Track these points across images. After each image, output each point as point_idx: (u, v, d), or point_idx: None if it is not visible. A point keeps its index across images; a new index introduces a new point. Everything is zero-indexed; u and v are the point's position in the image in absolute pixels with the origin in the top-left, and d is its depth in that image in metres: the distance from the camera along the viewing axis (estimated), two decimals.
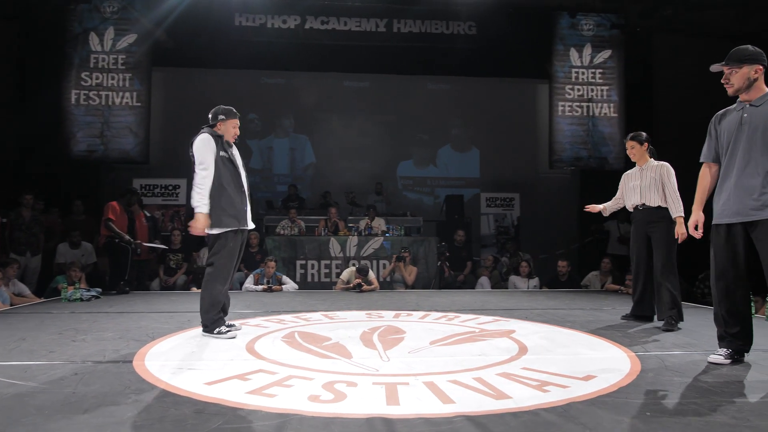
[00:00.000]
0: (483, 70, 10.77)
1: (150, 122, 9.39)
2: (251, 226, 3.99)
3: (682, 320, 4.09)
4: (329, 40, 10.20)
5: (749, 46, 2.99)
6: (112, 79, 9.27)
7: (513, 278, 7.64)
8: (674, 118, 10.85)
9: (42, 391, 2.45)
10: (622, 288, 6.73)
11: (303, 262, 7.79)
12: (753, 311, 4.68)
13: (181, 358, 3.12)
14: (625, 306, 5.38)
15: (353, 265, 7.63)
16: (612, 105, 10.62)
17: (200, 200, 3.74)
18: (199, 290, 3.93)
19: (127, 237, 6.29)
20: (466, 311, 5.03)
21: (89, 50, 9.23)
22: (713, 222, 3.06)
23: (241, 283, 7.11)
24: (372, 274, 7.00)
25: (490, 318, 4.61)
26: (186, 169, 9.56)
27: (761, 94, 2.94)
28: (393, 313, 4.91)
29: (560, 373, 2.78)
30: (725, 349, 3.01)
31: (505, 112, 11.09)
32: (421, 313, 4.87)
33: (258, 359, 3.11)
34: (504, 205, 10.30)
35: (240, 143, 11.60)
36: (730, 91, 3.05)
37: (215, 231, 3.79)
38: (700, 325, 4.21)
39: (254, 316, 4.72)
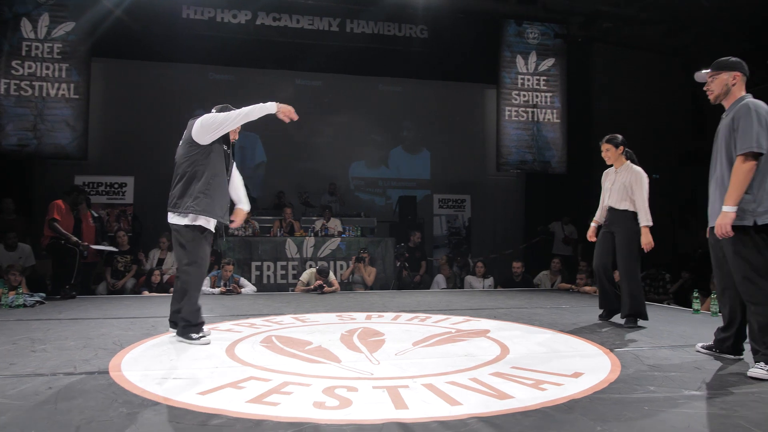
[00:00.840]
0: (434, 74, 10.95)
1: (89, 116, 8.83)
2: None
3: (644, 318, 4.29)
4: (281, 37, 10.00)
5: (731, 57, 3.12)
6: (47, 69, 8.63)
7: (469, 278, 7.81)
8: (611, 124, 11.47)
9: (18, 408, 2.26)
10: (573, 287, 7.04)
11: (259, 263, 7.60)
12: (698, 307, 5.06)
13: (162, 367, 2.97)
14: (582, 304, 5.67)
15: (310, 266, 7.54)
16: (555, 111, 11.07)
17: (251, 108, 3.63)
18: (152, 294, 3.75)
19: (74, 238, 5.89)
20: (435, 311, 5.09)
21: (21, 37, 8.55)
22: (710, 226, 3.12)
23: None
24: (332, 276, 6.94)
25: (461, 318, 4.69)
26: (132, 166, 9.22)
27: (732, 102, 3.05)
28: (364, 314, 4.89)
29: (550, 371, 2.88)
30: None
31: (455, 115, 11.32)
32: (391, 315, 4.88)
33: (245, 366, 3.01)
34: (456, 206, 10.52)
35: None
36: (711, 98, 3.15)
37: (200, 220, 3.59)
38: (655, 321, 4.49)
39: (222, 321, 4.57)
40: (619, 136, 4.45)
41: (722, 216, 2.90)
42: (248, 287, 6.68)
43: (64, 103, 8.72)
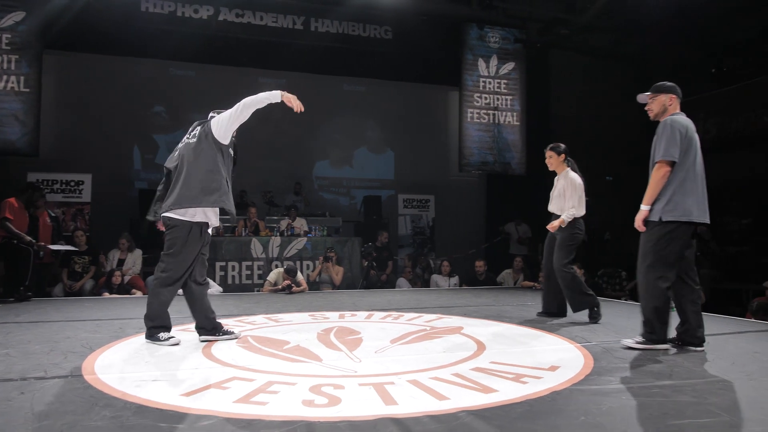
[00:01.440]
0: (398, 75, 11.02)
1: (41, 110, 8.43)
2: (215, 224, 3.76)
3: (589, 308, 4.51)
4: (244, 34, 9.84)
5: (666, 82, 3.52)
6: None
7: (435, 277, 7.92)
8: (568, 127, 11.88)
9: None
10: (535, 285, 7.24)
11: (223, 263, 7.47)
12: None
13: (139, 369, 2.89)
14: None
15: (276, 266, 7.47)
16: (515, 114, 11.35)
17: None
18: (113, 296, 3.66)
19: (28, 238, 5.62)
20: (407, 310, 5.15)
21: None
22: (682, 220, 3.27)
23: None
24: (300, 275, 6.90)
25: (434, 316, 4.76)
26: (90, 163, 8.86)
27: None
28: (336, 314, 4.90)
29: (527, 365, 2.97)
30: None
31: (419, 116, 11.44)
32: (364, 313, 4.91)
33: (225, 366, 2.97)
34: (420, 206, 10.63)
35: (145, 137, 10.92)
36: (651, 116, 3.55)
37: (189, 213, 3.51)
38: (616, 316, 4.70)
39: (192, 321, 4.46)
40: (562, 145, 4.73)
41: (639, 212, 3.36)
42: (214, 288, 6.55)
43: (13, 97, 8.30)
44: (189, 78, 10.29)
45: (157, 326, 3.54)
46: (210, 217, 3.61)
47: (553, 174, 4.80)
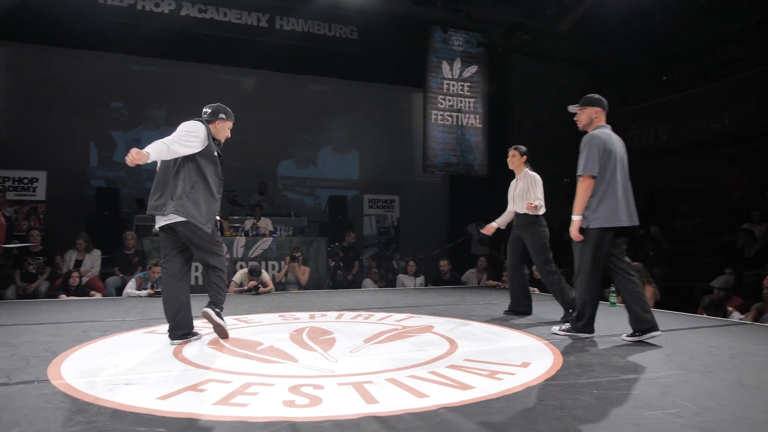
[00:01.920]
0: (363, 75, 11.04)
1: None
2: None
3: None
4: (207, 30, 9.65)
5: (594, 95, 3.79)
6: None
7: (401, 277, 7.99)
8: (528, 131, 12.18)
9: None
10: (499, 284, 7.41)
11: None
12: (614, 301, 5.53)
13: (110, 373, 2.82)
14: (507, 299, 5.97)
15: (241, 266, 7.38)
16: (477, 116, 11.54)
17: (152, 147, 3.33)
18: (71, 297, 3.56)
19: None
20: (376, 310, 5.18)
21: None
22: (604, 226, 3.58)
23: (118, 289, 6.49)
24: (266, 275, 6.83)
25: (404, 315, 4.81)
26: (45, 160, 8.48)
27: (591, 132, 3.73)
28: (306, 314, 4.88)
29: (500, 362, 3.05)
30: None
31: (384, 117, 11.50)
32: (334, 314, 4.91)
33: (198, 368, 2.93)
34: (385, 206, 10.68)
35: (103, 134, 10.56)
36: (579, 126, 3.84)
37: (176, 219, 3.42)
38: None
39: (159, 324, 4.37)
40: (524, 147, 4.91)
41: (572, 223, 3.66)
42: None
43: None
44: (149, 73, 10.02)
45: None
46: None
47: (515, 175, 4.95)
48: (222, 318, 3.59)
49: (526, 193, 4.73)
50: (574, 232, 3.67)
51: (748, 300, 5.70)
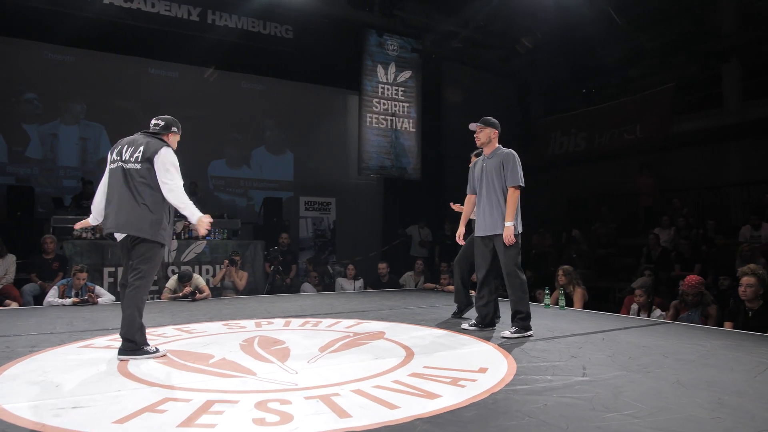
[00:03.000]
0: (299, 75, 10.90)
1: None
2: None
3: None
4: (133, 20, 9.11)
5: (491, 117, 4.35)
6: None
7: (340, 280, 7.96)
8: (457, 136, 12.53)
9: None
10: (437, 286, 7.57)
11: (112, 269, 6.87)
12: (548, 302, 5.82)
13: (52, 396, 2.60)
14: (452, 302, 6.10)
15: (173, 271, 7.05)
16: (411, 121, 11.72)
17: (190, 206, 3.46)
18: None
19: None
20: (322, 315, 5.13)
21: None
22: (476, 234, 4.33)
23: (36, 297, 5.99)
24: (202, 281, 6.56)
25: (352, 321, 4.80)
26: None
27: (492, 150, 4.32)
28: (252, 321, 4.74)
29: (459, 368, 3.13)
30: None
31: (319, 118, 11.39)
32: (281, 321, 4.81)
33: (152, 386, 2.77)
34: (321, 209, 10.58)
35: (15, 127, 9.73)
36: (478, 143, 4.40)
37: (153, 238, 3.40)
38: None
39: (92, 336, 4.09)
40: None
41: (507, 228, 4.06)
42: (106, 296, 6.01)
43: None
44: (68, 63, 9.29)
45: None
46: None
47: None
48: None
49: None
50: (511, 237, 4.06)
51: (665, 299, 6.20)
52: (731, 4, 10.03)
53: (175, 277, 6.53)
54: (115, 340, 3.92)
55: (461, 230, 4.61)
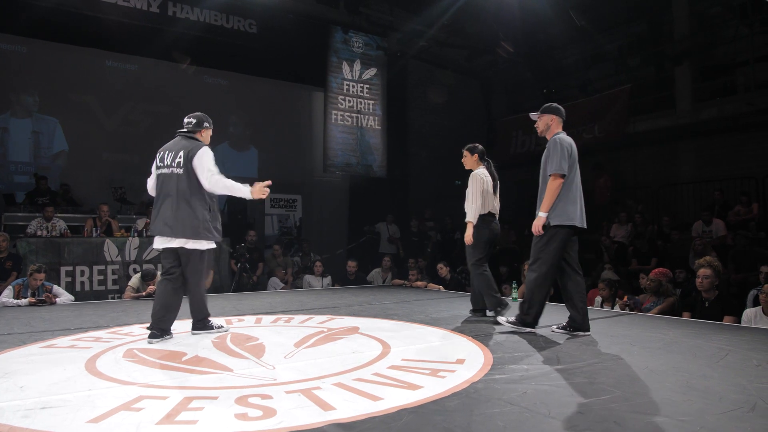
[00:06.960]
0: (263, 71, 10.73)
1: None
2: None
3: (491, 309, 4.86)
4: (88, 10, 8.76)
5: (553, 104, 4.06)
6: None
7: (308, 277, 7.88)
8: (422, 134, 12.65)
9: None
10: (405, 282, 7.60)
11: (70, 268, 6.61)
12: (516, 296, 5.94)
13: (17, 397, 2.48)
14: (422, 297, 6.18)
15: (135, 270, 6.84)
16: (377, 118, 11.73)
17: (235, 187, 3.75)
18: None
19: None
20: (293, 312, 5.08)
21: None
22: (566, 224, 3.81)
23: None
24: None
25: (324, 317, 4.77)
26: None
27: (550, 137, 3.96)
28: (222, 319, 4.64)
29: (437, 360, 3.15)
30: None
31: (283, 115, 11.26)
32: (252, 318, 4.74)
33: (124, 384, 2.68)
34: (287, 206, 10.46)
35: None
36: (538, 132, 4.08)
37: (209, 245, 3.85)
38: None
39: (54, 337, 3.92)
40: (479, 146, 4.90)
41: (537, 218, 3.84)
42: (64, 296, 5.77)
43: None
44: (18, 54, 8.87)
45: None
46: None
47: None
48: None
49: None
50: (539, 228, 3.84)
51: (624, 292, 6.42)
52: (684, 10, 10.46)
53: (138, 275, 6.33)
54: (80, 340, 3.79)
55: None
